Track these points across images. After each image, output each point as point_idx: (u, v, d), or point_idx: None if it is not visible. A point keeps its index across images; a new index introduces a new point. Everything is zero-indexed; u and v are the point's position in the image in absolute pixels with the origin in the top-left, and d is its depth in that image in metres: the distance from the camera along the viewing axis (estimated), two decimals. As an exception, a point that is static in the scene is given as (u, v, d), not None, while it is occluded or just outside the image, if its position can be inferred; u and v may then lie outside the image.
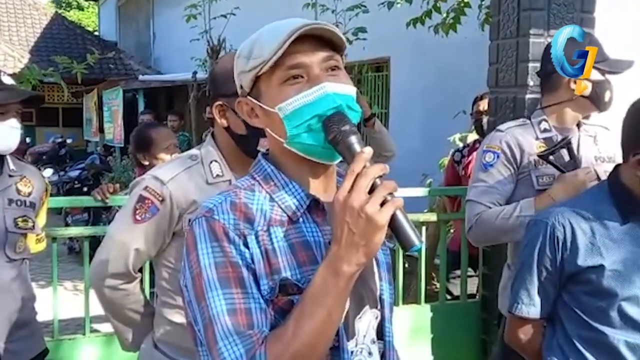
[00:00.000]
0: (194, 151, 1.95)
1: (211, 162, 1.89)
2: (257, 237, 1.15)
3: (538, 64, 2.92)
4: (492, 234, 2.40)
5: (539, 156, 2.33)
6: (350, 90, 1.18)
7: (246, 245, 1.14)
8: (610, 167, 1.92)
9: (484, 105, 3.75)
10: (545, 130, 2.39)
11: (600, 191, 1.84)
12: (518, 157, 2.38)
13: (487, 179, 2.42)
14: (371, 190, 1.05)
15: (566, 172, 2.26)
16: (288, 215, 1.18)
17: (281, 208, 1.19)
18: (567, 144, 2.28)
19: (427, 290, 3.77)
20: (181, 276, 1.19)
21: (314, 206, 1.21)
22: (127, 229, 1.87)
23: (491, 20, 3.30)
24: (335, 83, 1.16)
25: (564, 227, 1.77)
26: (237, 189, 1.21)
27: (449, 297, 3.69)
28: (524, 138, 2.39)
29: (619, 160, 1.84)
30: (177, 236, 1.86)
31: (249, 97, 1.22)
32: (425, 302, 3.37)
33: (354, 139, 1.11)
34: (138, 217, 1.84)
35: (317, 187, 1.23)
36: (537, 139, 2.38)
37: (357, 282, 1.13)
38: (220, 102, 1.85)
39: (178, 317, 1.85)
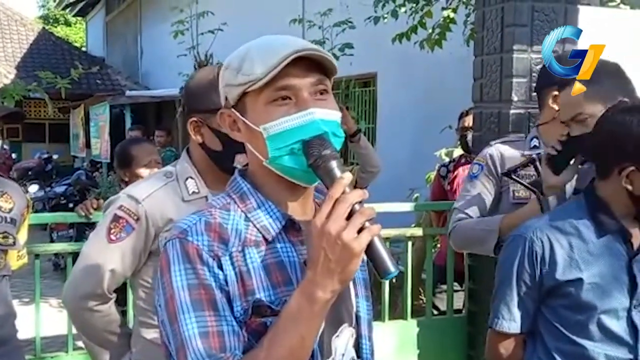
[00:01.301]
0: (169, 168, 1.92)
1: (187, 179, 1.86)
2: (231, 258, 1.13)
3: (522, 79, 2.96)
4: (465, 242, 2.52)
5: (502, 174, 2.36)
6: (337, 116, 1.18)
7: (220, 267, 1.12)
8: None
9: (469, 120, 3.77)
10: (534, 147, 2.40)
11: (577, 205, 1.85)
12: (500, 170, 2.40)
13: (471, 189, 2.48)
14: (350, 216, 1.04)
15: (532, 189, 2.23)
16: (263, 236, 1.17)
17: (256, 228, 1.17)
18: (531, 162, 2.27)
19: (414, 305, 3.76)
20: (155, 296, 1.19)
21: (290, 226, 1.19)
22: (102, 249, 1.83)
23: (475, 36, 3.32)
24: (322, 109, 1.14)
25: (542, 242, 1.78)
26: (212, 208, 1.20)
27: (435, 312, 3.68)
28: (509, 153, 2.40)
29: None
30: (153, 255, 1.83)
31: (233, 109, 1.20)
32: (412, 317, 3.36)
33: (334, 164, 1.10)
34: (113, 237, 1.81)
35: (295, 207, 1.22)
36: (522, 155, 2.39)
37: (334, 300, 1.12)
38: (195, 118, 1.83)
39: (156, 336, 1.83)
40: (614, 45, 2.12)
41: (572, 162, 2.14)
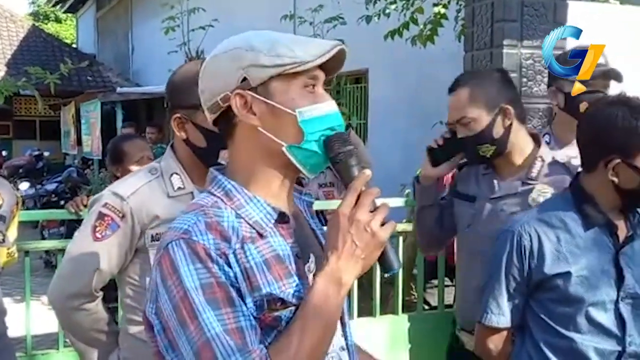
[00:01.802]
0: (153, 164, 1.91)
1: (171, 174, 1.86)
2: (235, 256, 1.13)
3: (512, 74, 2.96)
4: None
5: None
6: None
7: (229, 264, 1.12)
8: None
9: (458, 115, 3.77)
10: (545, 144, 2.39)
11: (564, 199, 1.86)
12: None
13: None
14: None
15: None
16: (257, 231, 1.17)
17: (249, 224, 1.17)
18: None
19: (406, 300, 3.76)
20: (149, 305, 1.15)
21: (279, 219, 1.20)
22: (87, 247, 1.81)
23: (466, 32, 3.33)
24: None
25: (530, 236, 1.79)
26: (203, 207, 1.18)
27: (426, 307, 3.69)
28: None
29: None
30: (139, 252, 1.83)
31: (249, 91, 1.17)
32: (404, 312, 3.37)
33: (354, 160, 1.17)
34: (98, 235, 1.80)
35: (281, 200, 1.23)
36: None
37: None
38: (178, 114, 1.82)
39: (143, 334, 1.81)
40: (603, 39, 2.13)
41: (452, 159, 2.23)
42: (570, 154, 2.30)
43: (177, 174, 1.86)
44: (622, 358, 1.75)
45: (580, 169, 1.88)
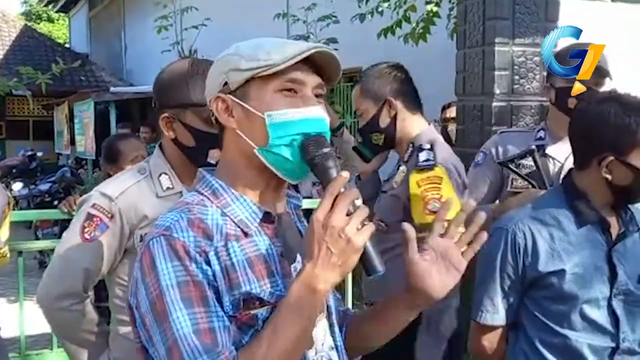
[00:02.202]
0: (142, 164, 1.90)
1: (160, 174, 1.84)
2: (216, 253, 1.14)
3: (504, 72, 2.98)
4: None
5: (499, 163, 2.40)
6: (328, 121, 1.22)
7: (208, 262, 1.13)
8: None
9: (450, 112, 3.79)
10: (539, 139, 2.43)
11: (557, 197, 1.86)
12: (502, 159, 2.42)
13: (474, 175, 2.56)
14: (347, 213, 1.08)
15: (529, 180, 2.29)
16: (242, 229, 1.18)
17: (234, 222, 1.18)
18: (529, 153, 2.30)
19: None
20: (131, 297, 1.17)
21: (265, 219, 1.22)
22: (76, 248, 1.80)
23: (458, 30, 3.34)
24: (323, 110, 1.20)
25: (524, 234, 1.79)
26: (188, 204, 1.19)
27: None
28: (514, 143, 2.43)
29: None
30: (129, 253, 1.80)
31: (230, 95, 1.20)
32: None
33: (331, 163, 1.14)
34: (87, 236, 1.78)
35: (269, 202, 1.23)
36: (529, 146, 2.41)
37: None
38: (167, 114, 1.81)
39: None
40: (595, 37, 2.14)
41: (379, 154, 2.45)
42: (564, 149, 2.32)
43: (165, 173, 1.85)
44: (616, 354, 1.76)
45: (572, 166, 1.89)
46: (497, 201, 2.48)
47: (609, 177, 1.75)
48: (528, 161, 2.32)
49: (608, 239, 1.78)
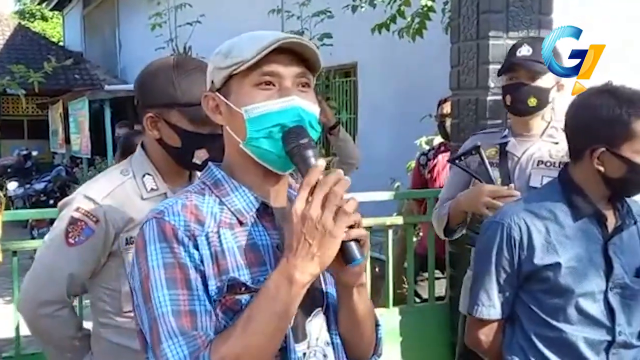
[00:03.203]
0: (124, 165, 1.86)
1: (144, 175, 1.80)
2: (207, 238, 1.17)
3: (498, 66, 2.95)
4: (435, 226, 2.69)
5: (448, 161, 2.54)
6: (315, 110, 1.22)
7: (196, 246, 1.16)
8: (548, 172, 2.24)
9: (447, 108, 3.78)
10: (504, 137, 2.47)
11: (552, 190, 1.86)
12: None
13: (450, 177, 2.68)
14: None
15: (477, 177, 2.40)
16: (237, 218, 1.21)
17: (231, 211, 1.21)
18: (474, 150, 2.38)
19: (398, 294, 3.76)
20: (131, 279, 1.20)
21: (263, 210, 1.24)
22: (60, 253, 1.75)
23: (452, 24, 3.32)
24: (303, 100, 1.20)
25: (519, 227, 1.79)
26: (187, 192, 1.23)
27: (418, 299, 3.69)
28: (482, 142, 2.46)
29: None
30: (113, 256, 1.77)
31: (217, 93, 1.24)
32: (395, 305, 3.37)
33: (310, 153, 1.15)
34: (71, 241, 1.73)
35: (267, 193, 1.25)
36: (494, 145, 2.47)
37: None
38: (151, 113, 1.77)
39: (118, 338, 1.77)
40: (588, 30, 2.13)
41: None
42: (520, 145, 2.42)
43: (149, 174, 1.81)
44: (612, 348, 1.76)
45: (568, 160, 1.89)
46: None
47: (601, 169, 1.75)
48: (493, 159, 2.43)
49: (604, 232, 1.78)
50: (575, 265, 1.75)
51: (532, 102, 2.33)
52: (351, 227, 1.13)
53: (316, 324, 1.26)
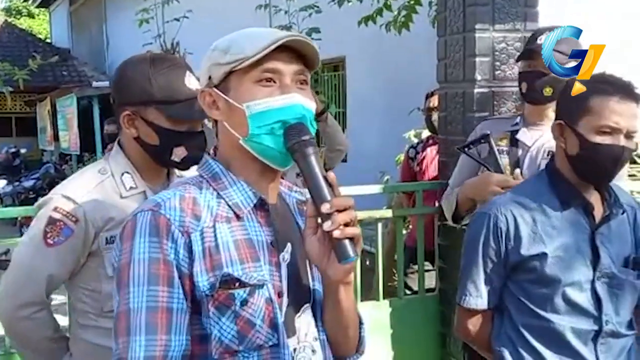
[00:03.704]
0: (101, 164, 1.83)
1: (122, 174, 1.79)
2: (202, 234, 1.17)
3: (485, 59, 2.97)
4: (444, 212, 2.68)
5: (457, 149, 2.49)
6: (313, 106, 1.25)
7: (188, 244, 1.16)
8: None
9: (434, 101, 3.79)
10: (515, 124, 2.45)
11: (540, 180, 1.87)
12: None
13: (460, 161, 2.64)
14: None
15: (485, 165, 2.37)
16: (234, 212, 1.21)
17: (228, 205, 1.22)
18: (483, 138, 2.37)
19: (389, 286, 3.77)
20: (114, 256, 1.22)
21: (259, 206, 1.24)
22: (38, 253, 1.72)
23: (438, 17, 3.33)
24: (302, 97, 1.22)
25: (506, 218, 1.80)
26: (186, 184, 1.24)
27: (409, 292, 3.70)
28: (494, 129, 2.45)
29: None
30: (93, 256, 1.75)
31: (215, 89, 1.24)
32: (385, 298, 3.38)
33: (310, 150, 1.18)
34: (50, 241, 1.71)
35: (263, 190, 1.26)
36: (505, 132, 2.45)
37: (294, 281, 1.22)
38: (128, 111, 1.75)
39: (99, 339, 1.75)
40: (574, 24, 2.14)
41: None
42: (532, 134, 2.39)
43: (128, 173, 1.79)
44: (599, 337, 1.77)
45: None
46: None
47: (563, 145, 1.79)
48: (502, 147, 2.40)
49: (591, 222, 1.79)
50: (562, 255, 1.76)
51: (548, 91, 2.30)
52: (346, 224, 1.13)
53: (305, 320, 1.27)
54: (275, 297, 1.20)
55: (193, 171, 1.91)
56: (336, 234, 1.13)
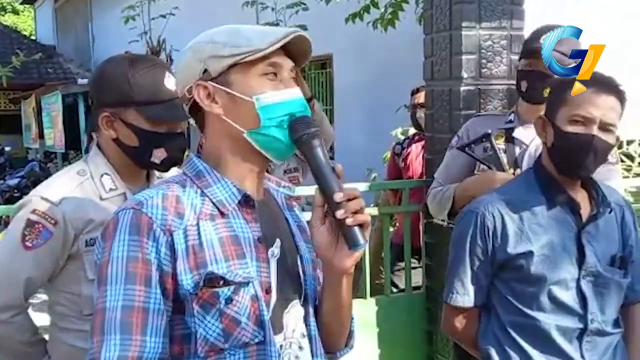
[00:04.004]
0: (80, 165, 1.81)
1: (102, 175, 1.77)
2: (185, 232, 1.17)
3: (471, 56, 2.97)
4: (433, 209, 2.63)
5: (457, 148, 2.44)
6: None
7: (170, 242, 1.15)
8: None
9: (419, 98, 3.79)
10: (509, 122, 2.44)
11: (527, 178, 1.88)
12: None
13: (447, 159, 2.61)
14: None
15: (486, 164, 2.35)
16: (219, 209, 1.21)
17: (212, 202, 1.21)
18: (485, 137, 2.35)
19: (376, 284, 3.77)
20: (94, 257, 1.21)
21: (244, 203, 1.24)
22: (17, 256, 1.70)
23: (425, 14, 3.32)
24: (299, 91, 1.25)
25: (493, 216, 1.80)
26: (169, 182, 1.24)
27: (395, 289, 3.71)
28: (485, 126, 2.43)
29: None
30: (72, 259, 1.74)
31: (211, 82, 1.23)
32: (372, 295, 3.38)
33: (317, 142, 1.20)
34: (29, 244, 1.69)
35: (249, 185, 1.27)
36: (498, 129, 2.44)
37: (283, 276, 1.22)
38: (107, 112, 1.74)
39: (78, 342, 1.73)
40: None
41: None
42: (529, 132, 2.34)
43: (107, 174, 1.78)
44: (585, 335, 1.77)
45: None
46: None
47: (544, 139, 1.80)
48: (487, 144, 2.37)
49: (578, 220, 1.79)
50: (548, 253, 1.76)
51: (547, 92, 2.30)
52: (355, 212, 1.15)
53: (293, 316, 1.27)
54: (263, 293, 1.20)
55: (173, 172, 1.90)
56: (349, 221, 1.14)
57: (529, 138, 2.36)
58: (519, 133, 2.40)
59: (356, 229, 1.16)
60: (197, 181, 1.23)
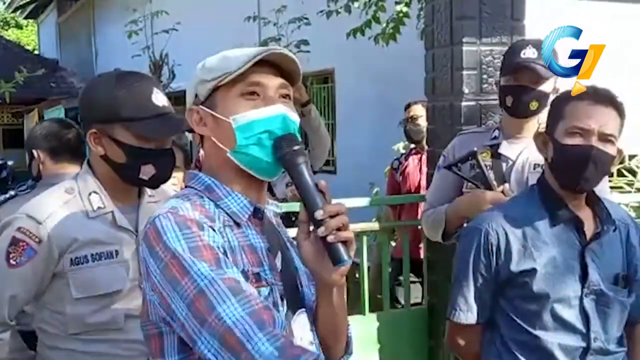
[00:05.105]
0: (69, 183, 1.80)
1: (90, 193, 1.76)
2: (220, 234, 1.20)
3: (472, 72, 2.98)
4: (428, 231, 2.60)
5: (445, 167, 2.42)
6: (297, 119, 1.29)
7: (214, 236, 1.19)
8: None
9: (414, 111, 3.81)
10: (494, 138, 2.43)
11: (531, 194, 1.87)
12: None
13: (437, 180, 2.58)
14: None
15: (474, 182, 2.33)
16: (234, 220, 1.25)
17: (227, 213, 1.25)
18: (471, 156, 2.31)
19: (378, 299, 3.74)
20: (145, 283, 1.19)
21: (253, 215, 1.29)
22: (1, 274, 1.70)
23: (426, 30, 3.34)
24: (286, 107, 1.26)
25: (497, 233, 1.79)
26: (185, 195, 1.26)
27: (399, 305, 3.69)
28: (470, 144, 2.41)
29: None
30: (57, 277, 1.72)
31: (201, 106, 1.27)
32: (374, 310, 3.36)
33: (301, 159, 1.22)
34: (13, 262, 1.68)
35: (253, 200, 1.29)
36: (483, 146, 2.41)
37: (289, 286, 1.26)
38: (94, 129, 1.73)
39: (66, 359, 1.73)
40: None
41: None
42: (515, 147, 2.36)
43: (95, 192, 1.76)
44: (588, 354, 1.76)
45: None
46: None
47: (545, 155, 1.81)
48: (485, 162, 2.35)
49: (582, 238, 1.78)
50: (551, 271, 1.75)
51: (534, 105, 2.28)
52: (339, 229, 1.16)
53: (300, 324, 1.29)
54: (279, 300, 1.24)
55: (166, 188, 1.90)
56: (330, 238, 1.15)
57: (515, 153, 2.35)
58: (505, 149, 2.38)
59: (339, 245, 1.17)
60: (208, 194, 1.26)
